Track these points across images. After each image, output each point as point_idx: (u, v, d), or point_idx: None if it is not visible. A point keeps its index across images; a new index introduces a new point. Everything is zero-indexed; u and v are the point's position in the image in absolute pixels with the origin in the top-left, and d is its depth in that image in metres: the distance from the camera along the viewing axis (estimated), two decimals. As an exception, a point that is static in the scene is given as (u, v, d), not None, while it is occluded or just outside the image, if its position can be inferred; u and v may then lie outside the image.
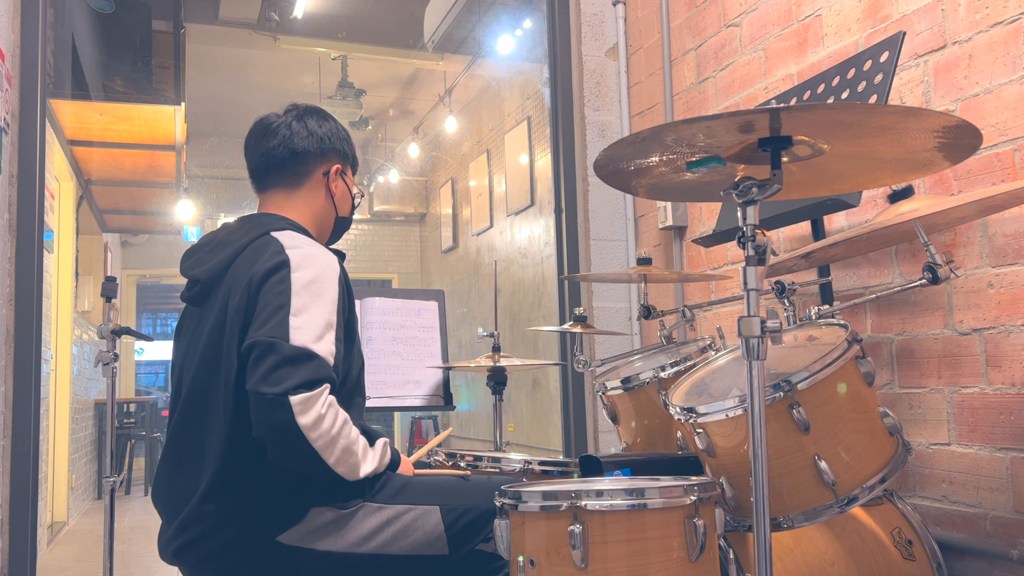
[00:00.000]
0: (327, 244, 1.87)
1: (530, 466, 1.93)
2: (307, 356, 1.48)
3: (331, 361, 1.51)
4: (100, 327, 2.55)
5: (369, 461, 1.58)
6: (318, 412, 1.45)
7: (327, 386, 1.48)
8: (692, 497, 1.42)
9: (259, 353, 1.48)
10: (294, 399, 1.43)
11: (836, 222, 2.50)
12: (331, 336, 1.54)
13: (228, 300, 1.61)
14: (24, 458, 2.70)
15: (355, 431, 1.55)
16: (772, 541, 1.41)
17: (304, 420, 1.44)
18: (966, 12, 2.12)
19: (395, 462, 1.72)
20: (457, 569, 1.67)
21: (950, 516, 2.14)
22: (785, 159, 1.36)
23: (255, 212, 1.82)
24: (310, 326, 1.51)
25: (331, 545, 1.58)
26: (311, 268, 1.58)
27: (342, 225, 1.88)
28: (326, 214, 1.83)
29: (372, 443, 1.65)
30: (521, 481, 1.79)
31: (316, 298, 1.55)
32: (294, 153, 1.78)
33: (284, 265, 1.57)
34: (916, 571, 1.88)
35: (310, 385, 1.45)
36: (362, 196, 1.93)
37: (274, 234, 1.65)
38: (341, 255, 1.73)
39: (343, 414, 1.51)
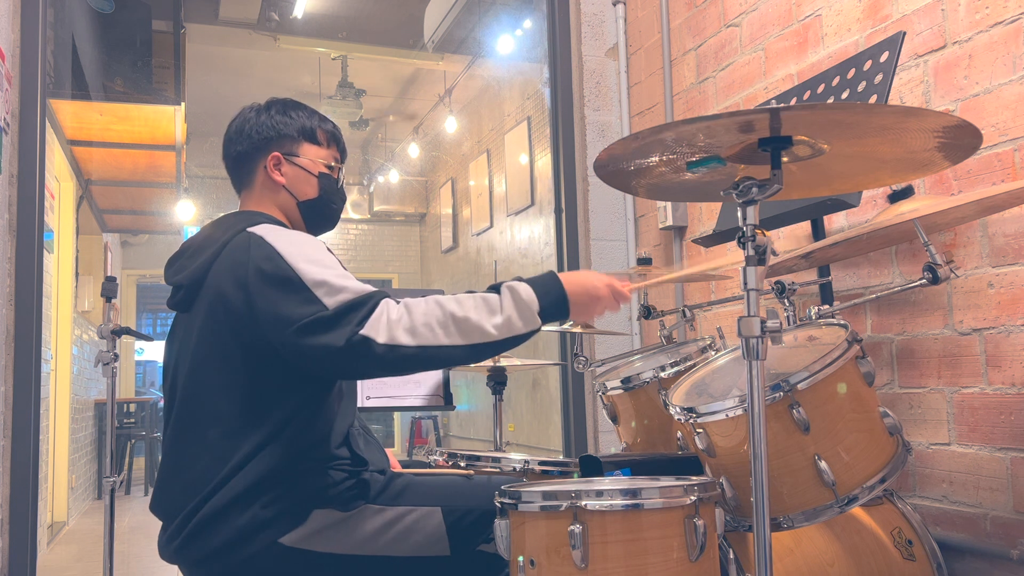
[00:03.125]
0: (314, 231, 1.83)
1: (530, 466, 1.93)
2: (349, 305, 1.46)
3: (361, 287, 1.50)
4: (100, 327, 2.55)
5: (489, 315, 1.49)
6: (387, 319, 1.44)
7: (378, 301, 1.47)
8: (692, 497, 1.42)
9: (310, 331, 1.45)
10: (363, 332, 1.43)
11: (836, 222, 2.50)
12: (342, 275, 1.52)
13: (215, 301, 1.59)
14: (24, 458, 2.70)
15: (428, 303, 1.48)
16: (772, 541, 1.41)
17: (382, 338, 1.43)
18: (966, 12, 2.12)
19: (559, 299, 1.55)
20: (459, 570, 1.66)
21: (950, 516, 2.14)
22: (785, 159, 1.36)
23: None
24: (328, 278, 1.50)
25: (333, 547, 1.58)
26: (299, 245, 1.57)
27: (313, 207, 1.79)
28: (284, 203, 1.78)
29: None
30: (521, 481, 1.79)
31: (315, 263, 1.53)
32: (234, 159, 1.79)
33: (273, 252, 1.55)
34: (916, 571, 1.88)
35: (364, 313, 1.45)
36: (337, 161, 1.83)
37: (250, 230, 1.63)
38: None
39: (399, 307, 1.48)
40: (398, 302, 1.49)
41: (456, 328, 1.47)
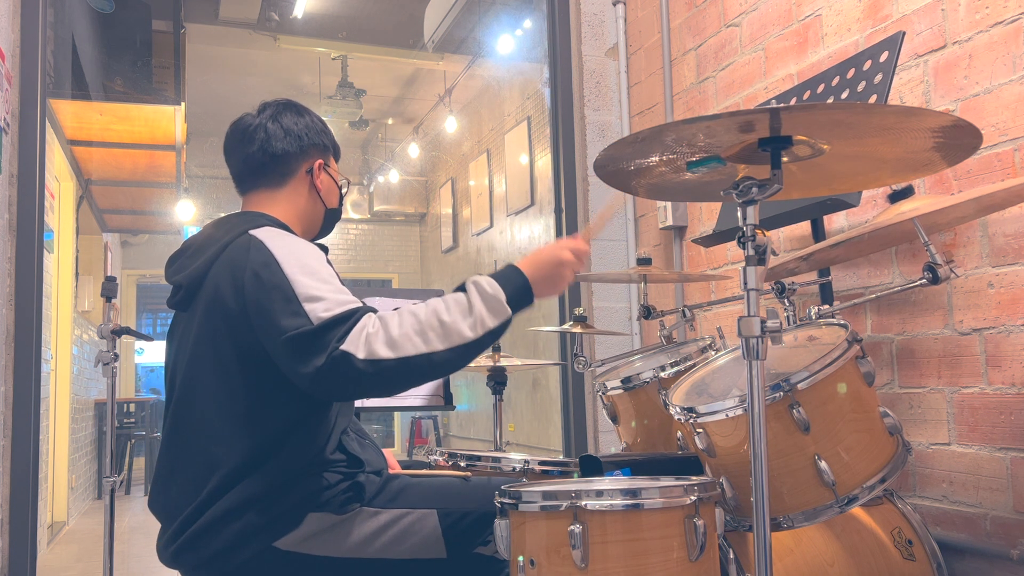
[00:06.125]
0: (318, 237, 1.85)
1: (530, 466, 1.93)
2: (332, 320, 1.45)
3: (350, 300, 1.49)
4: (100, 327, 2.55)
5: (463, 317, 1.48)
6: (365, 334, 1.42)
7: (360, 316, 1.45)
8: (692, 497, 1.42)
9: (294, 346, 1.45)
10: (343, 348, 1.40)
11: (836, 222, 2.50)
12: (336, 289, 1.52)
13: (213, 303, 1.59)
14: (24, 458, 2.70)
15: (401, 315, 1.47)
16: (772, 541, 1.41)
17: (362, 353, 1.40)
18: (966, 12, 2.12)
19: (522, 291, 1.54)
20: (455, 573, 1.66)
21: (950, 516, 2.14)
22: (785, 159, 1.36)
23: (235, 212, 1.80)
24: (320, 292, 1.49)
25: (329, 551, 1.57)
26: (298, 255, 1.57)
27: (332, 216, 1.86)
28: (312, 209, 1.81)
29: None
30: (521, 481, 1.79)
31: (311, 275, 1.53)
32: (274, 156, 1.76)
33: (271, 259, 1.55)
34: (916, 571, 1.88)
35: (345, 329, 1.43)
36: (348, 184, 1.90)
37: (252, 232, 1.62)
38: (324, 248, 1.72)
39: (376, 320, 1.47)
40: (378, 315, 1.48)
41: (433, 334, 1.46)
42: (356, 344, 1.42)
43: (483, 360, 2.48)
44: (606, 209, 1.66)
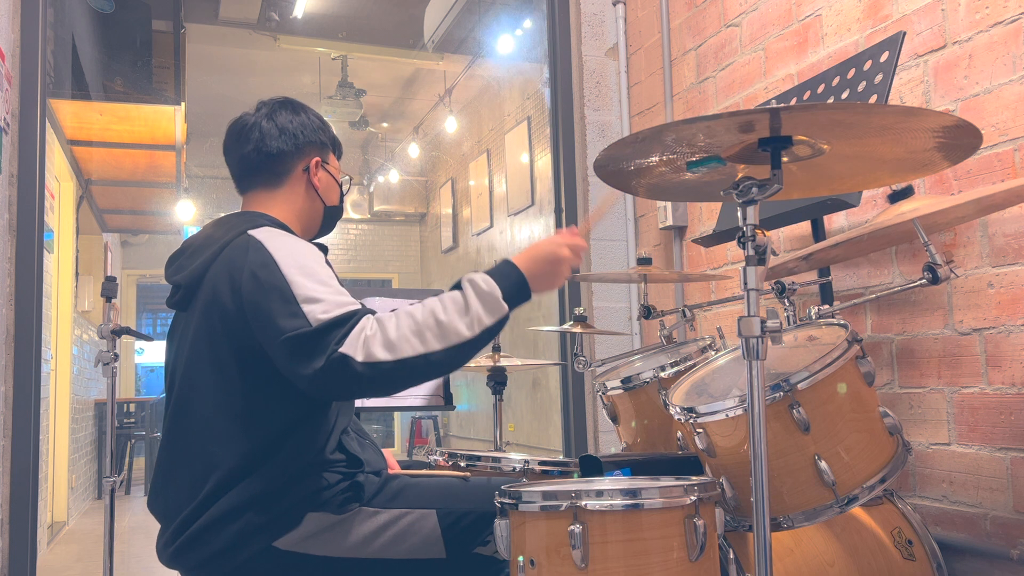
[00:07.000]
0: (319, 235, 1.85)
1: (530, 466, 1.93)
2: (330, 323, 1.45)
3: (349, 302, 1.49)
4: (100, 327, 2.55)
5: (459, 316, 1.47)
6: (364, 337, 1.42)
7: (359, 318, 1.45)
8: (692, 497, 1.42)
9: (293, 348, 1.45)
10: (341, 351, 1.40)
11: (836, 222, 2.50)
12: (334, 290, 1.52)
13: (211, 303, 1.59)
14: (24, 458, 2.70)
15: (398, 316, 1.47)
16: (772, 541, 1.41)
17: (360, 356, 1.40)
18: (966, 12, 2.12)
19: (518, 287, 1.53)
20: (455, 573, 1.66)
21: (950, 516, 2.14)
22: (785, 159, 1.36)
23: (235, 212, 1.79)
24: (318, 293, 1.49)
25: (328, 550, 1.57)
26: (296, 255, 1.56)
27: (333, 214, 1.85)
28: (311, 207, 1.80)
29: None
30: (521, 481, 1.79)
31: (309, 276, 1.53)
32: (270, 156, 1.75)
33: (270, 260, 1.54)
34: (916, 571, 1.88)
35: (344, 331, 1.43)
36: (349, 181, 1.90)
37: (251, 232, 1.62)
38: (324, 248, 1.71)
39: (374, 322, 1.46)
40: (376, 318, 1.47)
41: (430, 334, 1.45)
42: (355, 347, 1.42)
43: (483, 360, 2.48)
44: (602, 204, 1.65)
